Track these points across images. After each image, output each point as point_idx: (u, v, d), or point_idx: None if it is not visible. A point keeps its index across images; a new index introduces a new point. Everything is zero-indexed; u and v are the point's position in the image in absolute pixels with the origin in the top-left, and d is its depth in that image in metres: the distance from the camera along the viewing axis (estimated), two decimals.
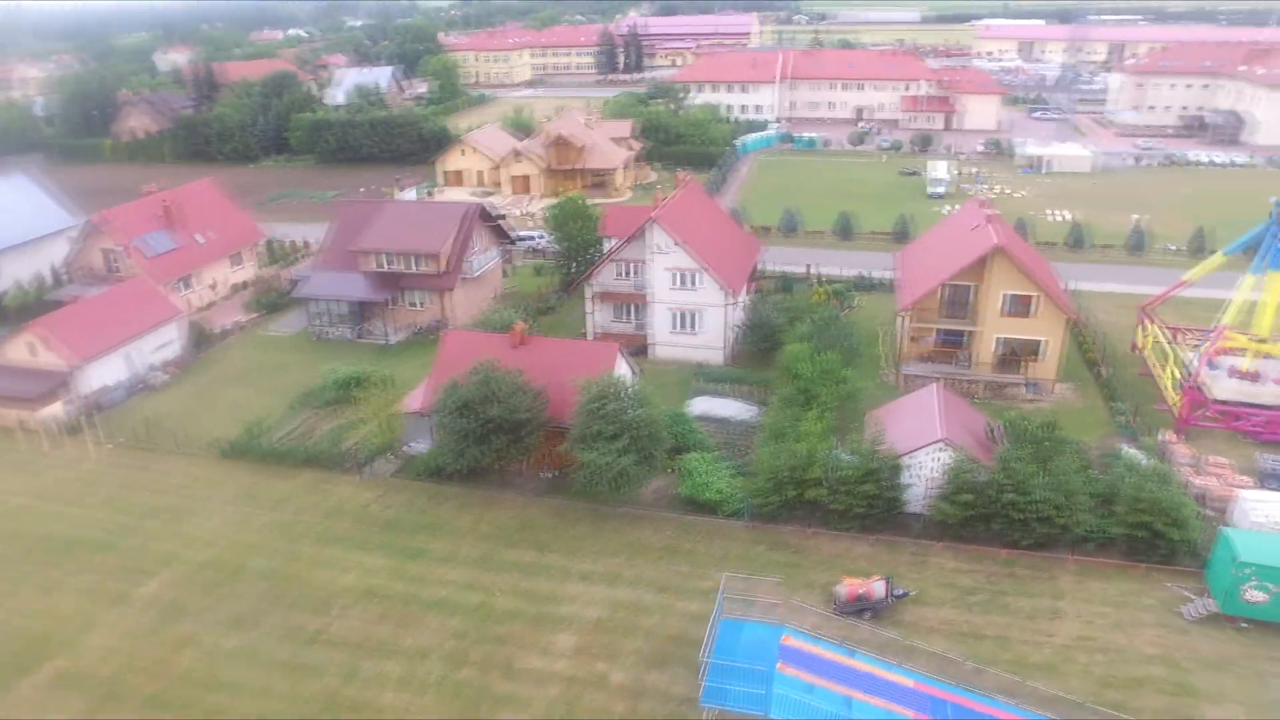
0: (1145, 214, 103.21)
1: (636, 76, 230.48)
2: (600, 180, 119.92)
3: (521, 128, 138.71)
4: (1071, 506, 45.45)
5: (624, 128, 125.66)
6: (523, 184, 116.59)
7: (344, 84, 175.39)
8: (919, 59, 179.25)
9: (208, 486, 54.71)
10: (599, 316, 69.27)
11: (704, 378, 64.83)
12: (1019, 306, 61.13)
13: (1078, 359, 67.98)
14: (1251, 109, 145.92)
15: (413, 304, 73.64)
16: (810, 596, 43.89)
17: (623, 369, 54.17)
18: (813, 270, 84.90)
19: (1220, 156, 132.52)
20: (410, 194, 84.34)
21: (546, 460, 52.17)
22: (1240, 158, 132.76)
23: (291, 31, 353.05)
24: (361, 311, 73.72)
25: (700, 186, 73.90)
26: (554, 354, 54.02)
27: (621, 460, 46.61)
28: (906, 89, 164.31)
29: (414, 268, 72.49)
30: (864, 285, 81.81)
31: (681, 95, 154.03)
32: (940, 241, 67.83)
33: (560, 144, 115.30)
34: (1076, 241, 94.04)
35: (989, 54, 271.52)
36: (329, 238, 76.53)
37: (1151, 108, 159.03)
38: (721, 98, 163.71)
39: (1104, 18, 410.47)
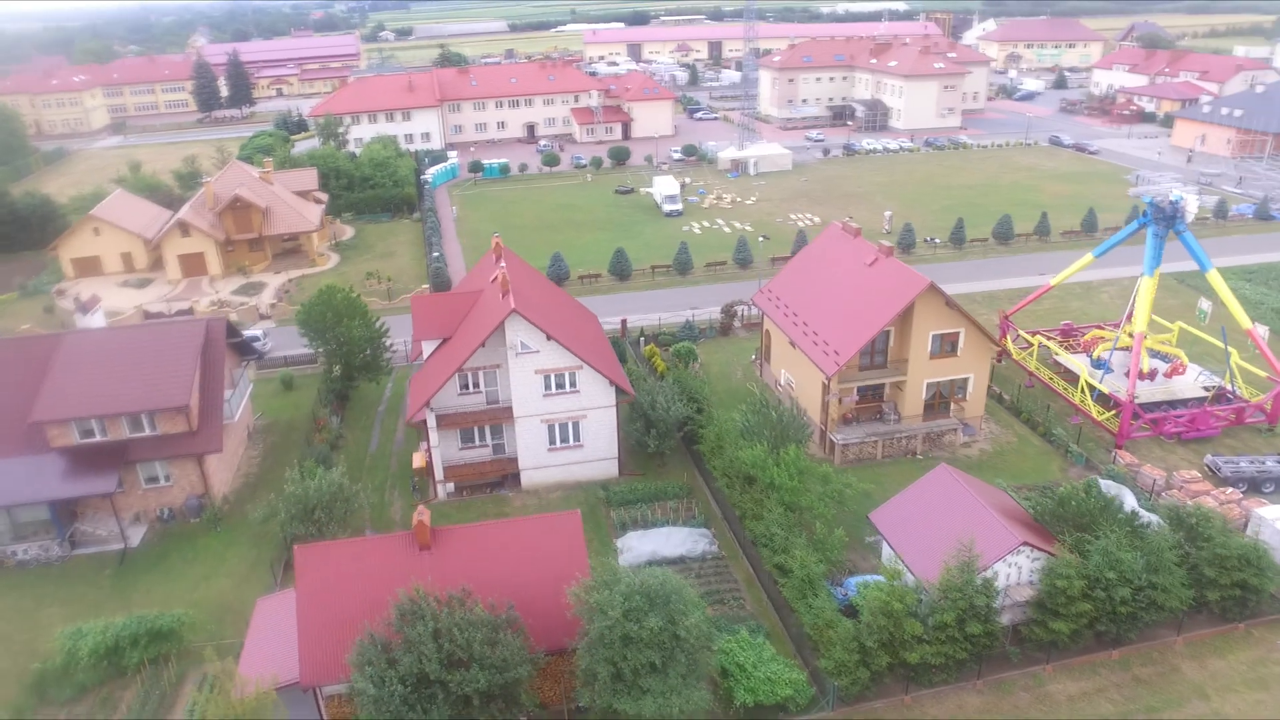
0: (887, 208, 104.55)
1: (246, 110, 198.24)
2: (293, 246, 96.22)
3: (156, 190, 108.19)
4: (1170, 585, 38.53)
5: (306, 178, 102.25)
6: (195, 263, 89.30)
7: None
8: (579, 69, 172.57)
9: None
10: (444, 448, 50.74)
11: (613, 501, 49.77)
12: (946, 345, 54.20)
13: None
14: (889, 98, 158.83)
15: (153, 480, 48.95)
16: None
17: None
18: (629, 325, 72.53)
19: (891, 143, 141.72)
20: (98, 317, 57.36)
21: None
22: (905, 142, 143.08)
23: None
24: (70, 511, 47.56)
25: (506, 248, 57.80)
26: (483, 547, 36.11)
27: (693, 697, 31.14)
28: (576, 100, 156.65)
29: (147, 429, 48.03)
30: (686, 334, 70.91)
31: (342, 131, 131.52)
32: (820, 281, 58.96)
33: (237, 207, 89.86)
34: (906, 245, 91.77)
35: (601, 59, 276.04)
36: None
37: (804, 100, 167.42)
38: (381, 128, 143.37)
39: (665, 18, 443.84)
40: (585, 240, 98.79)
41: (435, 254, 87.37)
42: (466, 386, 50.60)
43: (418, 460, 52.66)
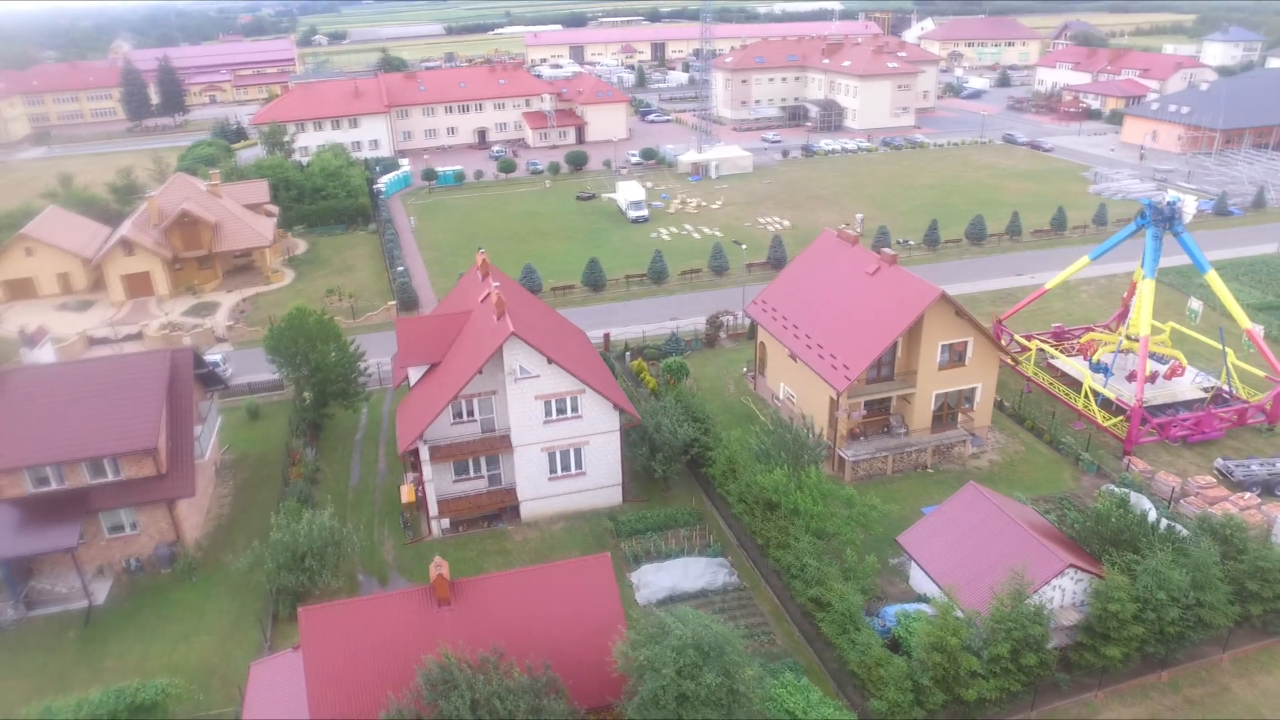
0: (857, 211, 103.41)
1: (179, 119, 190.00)
2: (245, 263, 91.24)
3: (92, 205, 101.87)
4: (1217, 603, 37.26)
5: (257, 190, 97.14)
6: (141, 283, 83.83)
7: None
8: (529, 72, 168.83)
9: None
10: (437, 481, 47.39)
11: (622, 532, 47.01)
12: (954, 355, 52.64)
13: None
14: (844, 98, 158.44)
15: (118, 529, 44.64)
16: None
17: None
18: (613, 339, 69.82)
19: (850, 143, 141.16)
20: (46, 350, 52.45)
21: None
22: (862, 142, 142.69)
23: None
24: (25, 568, 43.06)
25: (488, 262, 54.55)
26: (508, 599, 33.03)
27: None
28: (527, 105, 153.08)
29: (110, 474, 43.79)
30: (672, 348, 68.36)
31: (288, 139, 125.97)
32: (818, 291, 56.88)
33: (185, 223, 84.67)
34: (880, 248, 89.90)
35: (543, 61, 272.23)
36: None
37: (758, 101, 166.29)
38: (328, 136, 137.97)
39: (603, 19, 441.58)
40: (553, 250, 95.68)
41: (400, 268, 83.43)
42: (460, 415, 47.34)
43: (406, 494, 49.27)
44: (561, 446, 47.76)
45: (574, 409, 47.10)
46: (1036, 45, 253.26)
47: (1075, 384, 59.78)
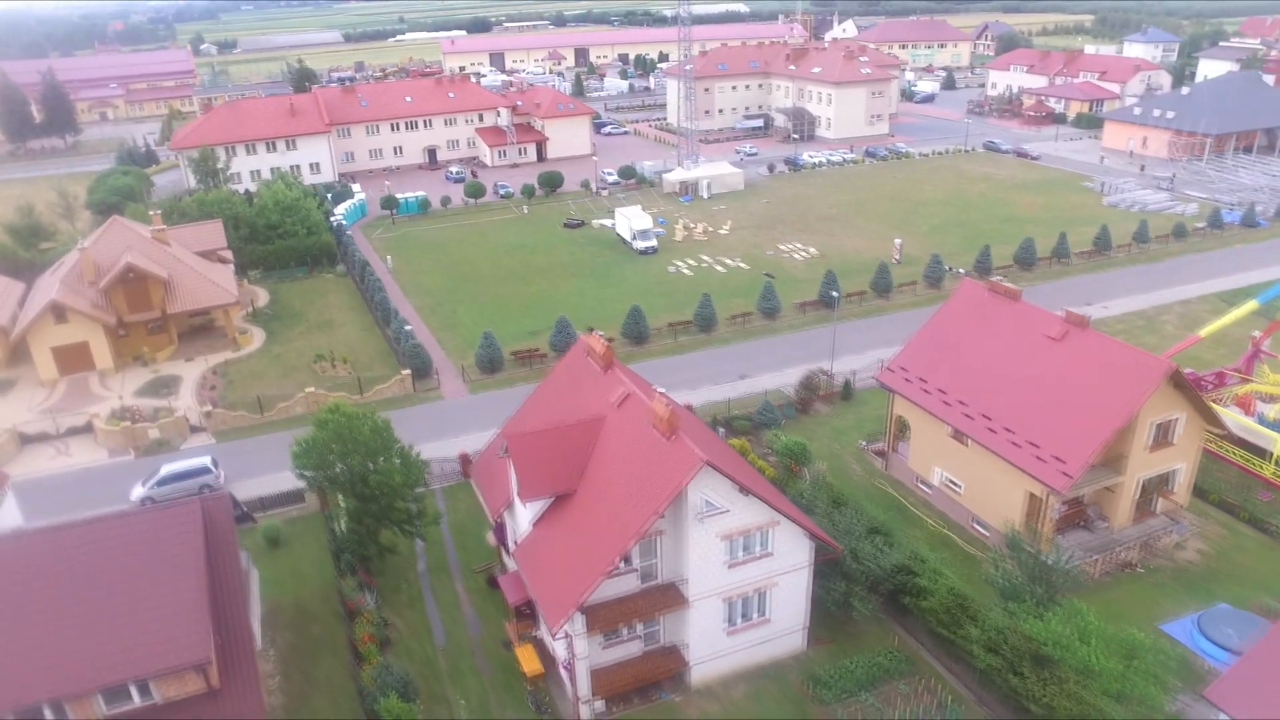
0: (896, 235, 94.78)
1: (70, 140, 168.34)
2: (203, 323, 76.20)
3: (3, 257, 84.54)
4: None
5: (210, 234, 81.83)
6: (77, 357, 68.07)
7: None
8: (478, 84, 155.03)
9: None
10: (582, 649, 35.54)
11: (827, 694, 36.22)
12: (1163, 434, 43.90)
13: None
14: (815, 106, 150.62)
15: None
16: None
17: None
18: (695, 407, 58.67)
19: (834, 155, 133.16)
20: (9, 506, 37.57)
21: None
22: (847, 154, 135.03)
23: None
24: None
25: (611, 351, 42.55)
26: None
27: None
28: (480, 120, 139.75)
29: (138, 699, 30.39)
30: (768, 418, 57.71)
31: (223, 167, 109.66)
32: (980, 357, 47.14)
33: (130, 280, 69.35)
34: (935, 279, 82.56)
35: (462, 69, 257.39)
36: None
37: (721, 111, 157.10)
38: (261, 161, 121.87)
39: (508, 24, 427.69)
40: (564, 291, 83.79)
41: (406, 326, 70.07)
42: (619, 565, 35.62)
43: (527, 661, 37.38)
44: (745, 592, 36.66)
45: (764, 546, 36.10)
46: (967, 47, 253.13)
47: (1242, 441, 52.14)
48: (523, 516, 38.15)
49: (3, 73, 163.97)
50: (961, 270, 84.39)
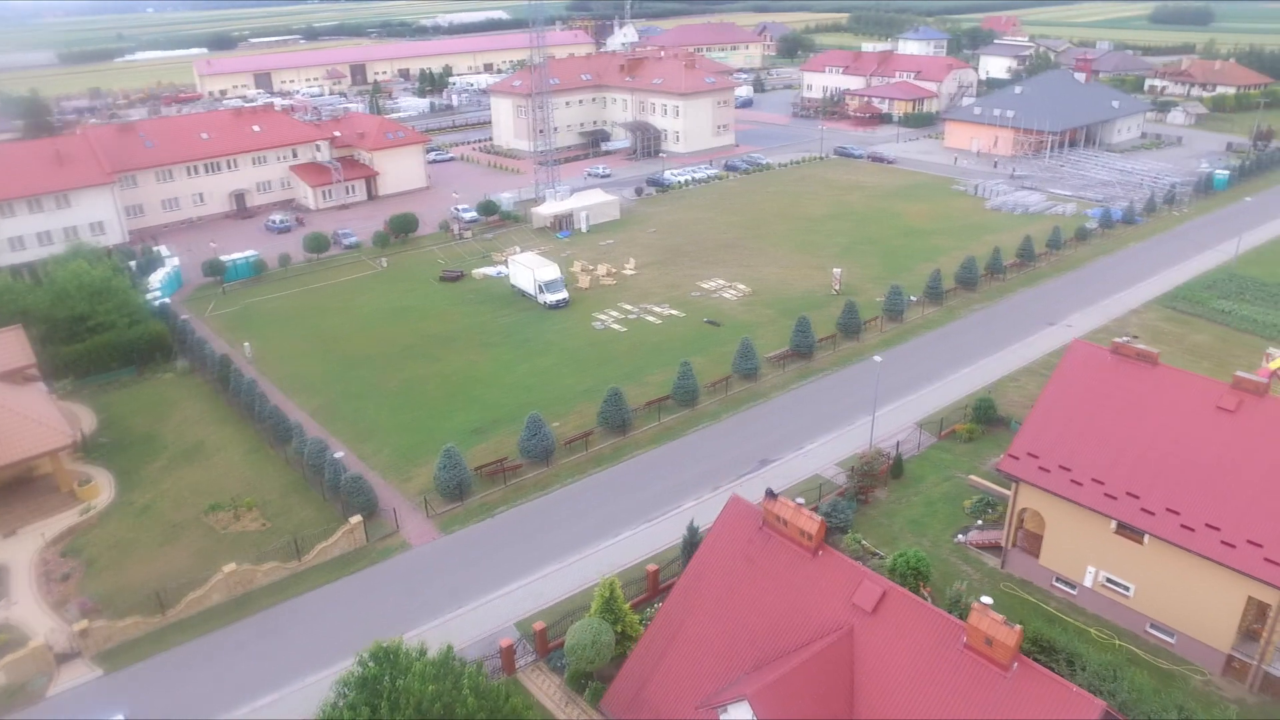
0: (806, 259, 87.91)
1: None
2: (21, 474, 55.39)
3: None
4: None
5: (5, 347, 60.09)
6: None
7: None
8: (288, 114, 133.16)
9: None
10: None
11: None
12: None
13: None
14: (660, 119, 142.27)
15: None
16: None
17: None
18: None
19: (699, 171, 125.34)
20: None
21: None
22: (709, 168, 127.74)
23: None
24: None
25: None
26: None
27: None
28: (295, 156, 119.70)
29: None
30: (841, 520, 47.93)
31: None
32: (1129, 433, 39.77)
33: None
34: (895, 312, 75.34)
35: (222, 92, 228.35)
36: None
37: (556, 129, 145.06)
38: (22, 225, 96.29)
39: (254, 40, 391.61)
40: (485, 371, 69.50)
41: (338, 454, 53.43)
42: None
43: None
44: None
45: None
46: (758, 48, 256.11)
47: None
48: None
49: None
50: (913, 298, 78.75)
